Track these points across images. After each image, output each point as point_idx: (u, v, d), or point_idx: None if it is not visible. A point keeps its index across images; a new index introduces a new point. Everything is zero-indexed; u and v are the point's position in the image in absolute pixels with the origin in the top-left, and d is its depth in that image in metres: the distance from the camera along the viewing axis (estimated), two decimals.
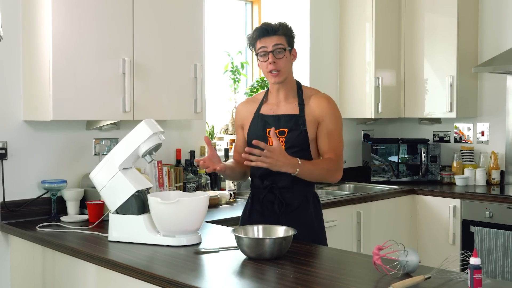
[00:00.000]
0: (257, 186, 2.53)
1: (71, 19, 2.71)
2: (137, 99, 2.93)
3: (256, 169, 2.47)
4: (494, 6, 4.39)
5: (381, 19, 4.40)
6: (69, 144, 3.09)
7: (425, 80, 4.45)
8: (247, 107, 2.60)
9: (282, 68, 2.42)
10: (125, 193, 2.34)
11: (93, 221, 2.76)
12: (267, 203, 2.48)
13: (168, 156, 3.48)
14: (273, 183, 2.45)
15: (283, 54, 2.41)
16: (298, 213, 2.47)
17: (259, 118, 2.51)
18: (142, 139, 2.34)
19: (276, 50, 2.40)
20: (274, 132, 2.30)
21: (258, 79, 4.23)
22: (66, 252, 2.38)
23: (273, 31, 2.41)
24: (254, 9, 4.53)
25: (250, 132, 2.53)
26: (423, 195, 4.15)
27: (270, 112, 2.51)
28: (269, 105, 2.53)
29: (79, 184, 3.10)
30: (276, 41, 2.41)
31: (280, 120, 2.46)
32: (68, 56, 2.70)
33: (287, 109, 2.48)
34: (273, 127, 2.39)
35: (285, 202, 2.45)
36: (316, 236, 2.47)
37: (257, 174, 2.50)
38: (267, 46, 2.41)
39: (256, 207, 2.53)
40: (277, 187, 2.45)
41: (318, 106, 2.46)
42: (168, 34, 3.08)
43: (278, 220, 2.41)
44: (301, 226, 2.38)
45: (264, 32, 2.41)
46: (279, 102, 2.51)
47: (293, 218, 2.44)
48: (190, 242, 2.26)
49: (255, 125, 2.51)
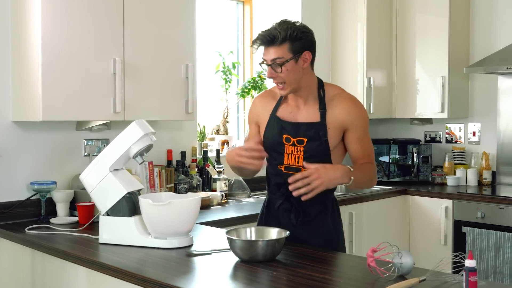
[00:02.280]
0: (273, 191, 2.40)
1: (61, 18, 2.68)
2: (128, 99, 2.90)
3: (272, 176, 2.37)
4: (486, 7, 4.40)
5: (372, 20, 4.39)
6: (58, 145, 3.05)
7: (417, 81, 4.45)
8: (264, 103, 2.39)
9: (287, 80, 2.21)
10: (115, 195, 2.31)
11: (83, 223, 2.73)
12: (283, 211, 2.35)
13: (159, 157, 3.45)
14: (289, 191, 2.19)
15: (283, 67, 2.18)
16: (315, 223, 2.33)
17: (275, 121, 2.32)
18: (133, 140, 2.31)
19: (274, 64, 2.19)
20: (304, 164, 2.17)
21: (250, 80, 4.21)
22: (56, 254, 2.35)
23: (271, 41, 2.17)
24: (246, 9, 4.51)
25: (266, 137, 2.34)
26: (415, 196, 4.15)
27: (289, 116, 2.31)
28: (288, 107, 2.33)
29: (69, 186, 3.06)
30: (274, 55, 2.18)
31: (300, 129, 2.27)
32: (58, 56, 2.66)
33: (307, 114, 2.28)
34: (290, 135, 2.27)
35: (302, 210, 2.31)
36: (335, 246, 2.34)
37: (274, 182, 2.37)
38: (266, 59, 2.21)
39: (273, 213, 2.40)
40: (294, 196, 2.20)
41: (344, 112, 2.26)
42: (160, 34, 3.05)
43: (294, 230, 2.25)
44: (318, 237, 2.31)
45: (263, 42, 2.20)
46: (298, 106, 2.32)
47: (310, 228, 2.33)
48: (181, 244, 2.24)
49: (271, 128, 2.33)
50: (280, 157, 2.31)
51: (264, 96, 2.44)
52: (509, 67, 3.81)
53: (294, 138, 2.27)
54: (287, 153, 2.29)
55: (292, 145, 2.28)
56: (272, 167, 2.37)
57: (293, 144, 2.28)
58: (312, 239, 2.31)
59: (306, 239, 2.31)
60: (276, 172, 2.34)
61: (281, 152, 2.31)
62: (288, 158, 2.29)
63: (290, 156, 2.29)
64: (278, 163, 2.32)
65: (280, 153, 2.31)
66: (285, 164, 2.31)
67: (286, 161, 2.30)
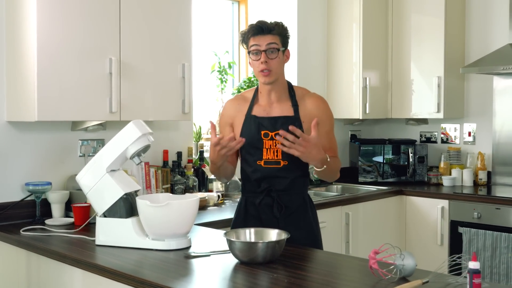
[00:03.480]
0: (251, 190, 2.46)
1: (56, 18, 2.64)
2: (124, 99, 2.87)
3: (251, 173, 2.43)
4: (481, 8, 4.40)
5: (368, 20, 4.38)
6: (54, 145, 3.02)
7: (412, 81, 4.45)
8: (237, 105, 2.50)
9: (274, 68, 2.35)
10: (112, 196, 2.29)
11: (79, 224, 2.70)
12: (265, 207, 2.42)
13: (155, 157, 3.42)
14: (270, 186, 2.40)
15: (276, 54, 2.35)
16: (297, 216, 2.43)
17: (252, 120, 2.43)
18: (131, 140, 2.28)
19: (269, 50, 2.33)
20: (314, 124, 2.24)
21: (246, 79, 4.19)
22: (51, 256, 2.31)
23: (268, 30, 2.34)
24: (241, 8, 4.49)
25: (243, 135, 2.42)
26: (411, 196, 4.14)
27: (264, 113, 2.43)
28: (261, 106, 2.45)
29: (64, 186, 3.03)
30: (270, 40, 2.34)
31: (277, 123, 2.39)
32: (53, 56, 2.63)
33: (281, 110, 2.42)
34: (268, 129, 2.36)
35: (284, 205, 2.40)
36: (315, 238, 2.45)
37: (253, 178, 2.43)
38: (260, 44, 2.34)
39: (252, 212, 2.46)
40: (275, 190, 2.40)
41: (315, 107, 2.43)
42: (156, 33, 3.02)
43: (277, 224, 2.34)
44: (300, 229, 2.38)
45: (258, 30, 2.35)
46: (271, 103, 2.44)
47: (292, 221, 2.40)
48: (179, 246, 2.21)
49: (248, 127, 2.43)
50: (258, 153, 2.41)
51: (236, 99, 2.56)
52: (505, 67, 3.80)
53: (272, 132, 2.37)
54: (265, 148, 2.40)
55: (271, 139, 2.38)
56: (249, 165, 2.44)
57: (271, 138, 2.38)
58: (295, 232, 2.32)
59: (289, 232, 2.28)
60: (255, 169, 2.42)
61: (260, 147, 2.40)
62: (267, 153, 2.40)
63: (269, 151, 2.40)
64: (257, 159, 2.41)
65: (259, 149, 2.40)
66: (264, 159, 2.40)
67: (265, 156, 2.40)
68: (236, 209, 2.55)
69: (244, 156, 2.46)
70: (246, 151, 2.43)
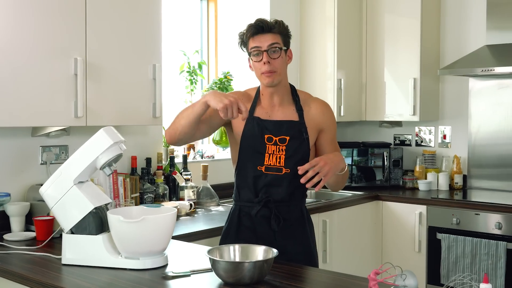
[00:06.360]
0: (247, 199, 2.29)
1: (14, 14, 2.40)
2: (90, 103, 2.65)
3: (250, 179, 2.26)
4: (457, 8, 4.32)
5: (342, 20, 4.25)
6: (12, 153, 2.77)
7: (387, 83, 4.34)
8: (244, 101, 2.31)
9: (277, 69, 2.21)
10: (81, 211, 2.07)
11: (41, 239, 2.47)
12: (262, 218, 2.26)
13: (123, 164, 3.20)
14: (268, 196, 2.24)
15: (279, 53, 2.20)
16: (294, 229, 2.28)
17: (254, 122, 2.26)
18: (101, 149, 2.07)
19: (271, 49, 2.19)
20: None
21: (216, 81, 4.00)
22: (11, 278, 2.08)
23: (268, 28, 2.20)
24: (210, 6, 4.30)
25: (245, 137, 2.27)
26: (388, 201, 4.03)
27: (266, 116, 2.28)
28: (263, 108, 2.30)
29: (25, 197, 2.79)
30: (272, 40, 2.20)
31: (282, 127, 2.25)
32: (11, 55, 2.39)
33: (284, 114, 2.28)
34: (272, 134, 2.24)
35: (282, 217, 2.24)
36: (311, 254, 2.31)
37: (252, 185, 2.26)
38: (261, 44, 2.19)
39: (246, 223, 2.29)
40: (273, 201, 2.24)
41: (320, 113, 2.32)
42: (124, 32, 2.81)
43: (274, 238, 2.20)
44: (297, 244, 2.26)
45: (258, 29, 2.20)
46: (273, 106, 2.30)
47: (289, 235, 2.26)
48: (156, 265, 2.02)
49: (251, 129, 2.26)
50: (260, 158, 2.25)
51: (243, 95, 2.36)
52: (484, 69, 3.73)
53: (276, 137, 2.25)
54: (268, 153, 2.25)
55: (274, 144, 2.25)
56: (248, 170, 2.27)
57: (275, 143, 2.25)
58: (291, 247, 2.24)
59: (285, 247, 2.21)
60: (255, 175, 2.26)
61: (262, 152, 2.26)
62: (269, 159, 2.26)
63: (272, 156, 2.26)
64: (258, 164, 2.26)
65: (261, 154, 2.26)
66: (265, 165, 2.25)
67: (267, 162, 2.25)
68: (228, 218, 2.37)
69: (243, 161, 2.29)
70: (246, 155, 2.27)
